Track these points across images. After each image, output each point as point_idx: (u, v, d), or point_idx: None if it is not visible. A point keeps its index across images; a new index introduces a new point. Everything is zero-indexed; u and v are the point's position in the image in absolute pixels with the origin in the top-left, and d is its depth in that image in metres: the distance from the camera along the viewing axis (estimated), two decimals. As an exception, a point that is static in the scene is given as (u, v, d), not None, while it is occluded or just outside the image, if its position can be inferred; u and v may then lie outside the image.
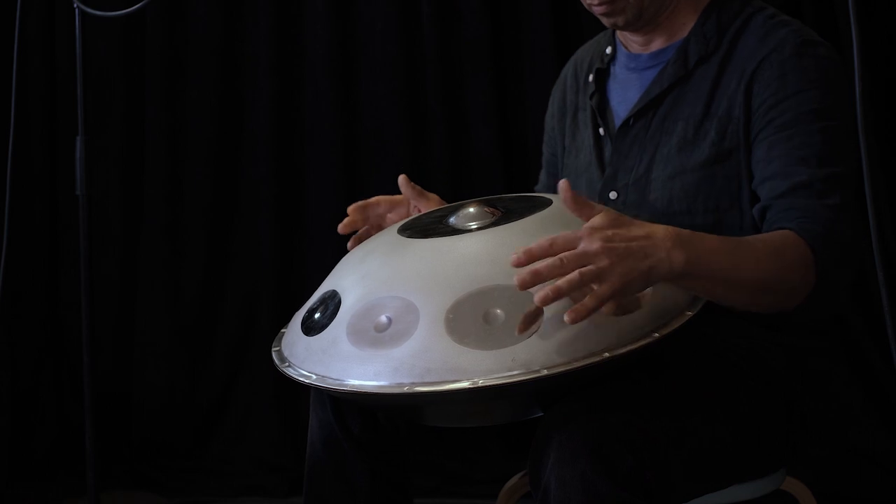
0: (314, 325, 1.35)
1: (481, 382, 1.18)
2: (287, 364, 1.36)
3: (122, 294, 2.98)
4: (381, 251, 1.40)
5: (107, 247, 2.94)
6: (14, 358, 2.86)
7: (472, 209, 1.41)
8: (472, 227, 1.37)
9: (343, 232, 1.66)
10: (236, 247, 2.98)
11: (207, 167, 2.97)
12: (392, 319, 1.25)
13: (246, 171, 2.96)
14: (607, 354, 1.20)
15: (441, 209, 1.52)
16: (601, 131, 1.63)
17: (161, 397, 2.94)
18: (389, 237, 1.43)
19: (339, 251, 1.55)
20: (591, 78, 1.67)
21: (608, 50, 1.67)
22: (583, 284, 1.17)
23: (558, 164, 1.77)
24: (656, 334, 1.24)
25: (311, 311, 1.39)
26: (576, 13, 2.71)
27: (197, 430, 2.94)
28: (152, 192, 2.98)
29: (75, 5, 1.99)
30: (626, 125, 1.58)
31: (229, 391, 2.96)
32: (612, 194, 1.57)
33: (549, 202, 1.41)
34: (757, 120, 1.46)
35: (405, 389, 1.20)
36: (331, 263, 1.50)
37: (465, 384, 1.18)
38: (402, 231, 1.43)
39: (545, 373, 1.18)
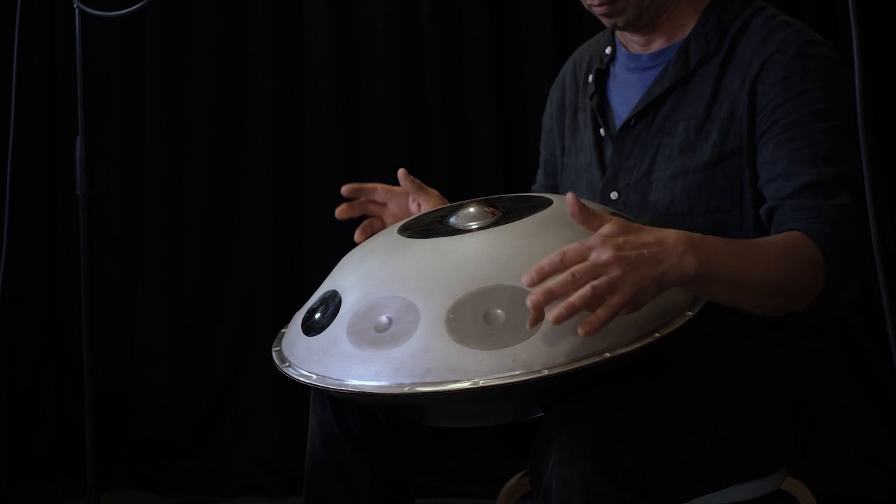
0: (314, 325, 1.35)
1: (482, 382, 1.18)
2: (287, 364, 1.36)
3: (122, 294, 2.97)
4: (382, 251, 1.40)
5: (107, 247, 2.94)
6: (14, 358, 2.85)
7: (472, 209, 1.41)
8: (473, 227, 1.37)
9: (340, 216, 1.66)
10: (236, 247, 2.98)
11: (207, 167, 2.96)
12: (393, 319, 1.25)
13: (246, 171, 2.96)
14: (608, 354, 1.20)
15: (441, 209, 1.52)
16: (602, 132, 1.63)
17: (161, 397, 2.94)
18: (390, 237, 1.43)
19: (339, 251, 1.54)
20: (590, 78, 1.67)
21: (608, 50, 1.67)
22: (595, 299, 1.17)
23: (557, 165, 1.77)
24: (657, 334, 1.24)
25: (312, 311, 1.39)
26: (576, 13, 2.71)
27: (197, 430, 2.94)
28: (152, 192, 2.97)
29: (75, 5, 1.98)
30: (628, 126, 1.58)
31: (229, 391, 2.96)
32: (613, 195, 1.57)
33: (550, 202, 1.41)
34: (761, 121, 1.46)
35: (406, 390, 1.20)
36: (331, 263, 1.50)
37: (465, 384, 1.18)
38: (402, 231, 1.43)
39: (546, 373, 1.18)
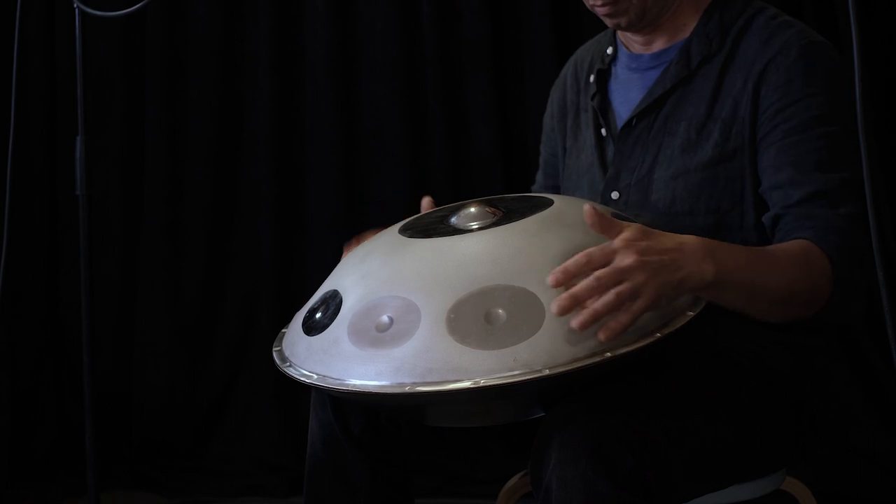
0: (315, 325, 1.35)
1: (483, 382, 1.18)
2: (288, 364, 1.36)
3: (122, 294, 2.97)
4: (382, 251, 1.40)
5: (107, 247, 2.94)
6: (14, 358, 2.85)
7: (473, 209, 1.41)
8: (474, 227, 1.37)
9: None
10: (236, 247, 2.98)
11: (207, 167, 2.96)
12: (393, 319, 1.25)
13: (246, 171, 2.96)
14: (609, 354, 1.20)
15: (442, 209, 1.52)
16: (603, 132, 1.63)
17: (161, 397, 2.94)
18: (390, 237, 1.43)
19: (339, 251, 1.55)
20: (592, 78, 1.67)
21: (609, 50, 1.67)
22: (619, 305, 1.18)
23: (558, 165, 1.77)
24: (658, 334, 1.24)
25: (313, 311, 1.39)
26: (576, 13, 2.71)
27: (197, 430, 2.94)
28: (152, 192, 2.97)
29: (75, 5, 1.98)
30: (629, 125, 1.58)
31: (229, 391, 2.96)
32: (615, 194, 1.57)
33: (551, 202, 1.41)
34: (763, 123, 1.46)
35: (406, 389, 1.20)
36: (331, 263, 1.50)
37: (466, 384, 1.18)
38: (403, 231, 1.43)
39: (547, 373, 1.18)
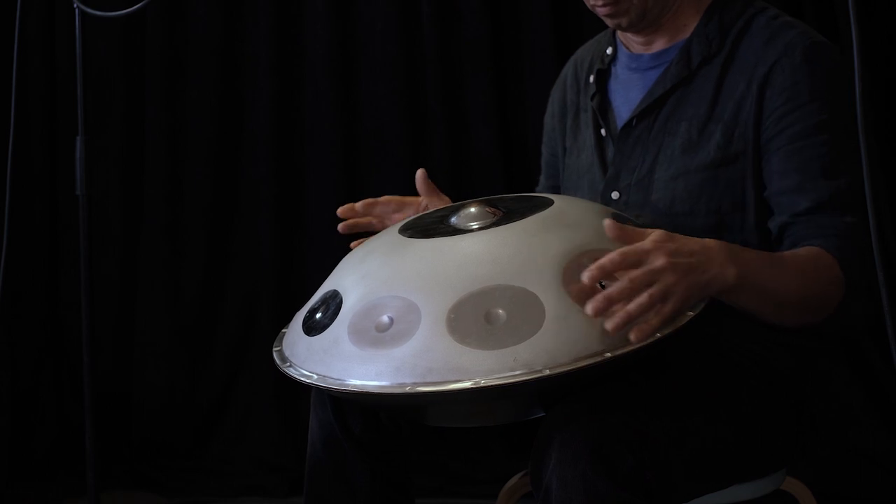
0: (315, 325, 1.35)
1: (483, 382, 1.18)
2: (288, 364, 1.36)
3: (122, 294, 2.97)
4: (383, 251, 1.40)
5: (107, 247, 2.94)
6: (14, 358, 2.85)
7: (473, 209, 1.41)
8: (474, 226, 1.37)
9: (343, 230, 1.66)
10: (236, 247, 2.98)
11: (207, 167, 2.96)
12: (394, 319, 1.25)
13: (246, 171, 2.96)
14: (609, 354, 1.20)
15: (442, 209, 1.52)
16: (603, 132, 1.63)
17: (161, 397, 2.94)
18: (390, 237, 1.43)
19: (339, 251, 1.55)
20: (591, 78, 1.67)
21: (609, 50, 1.67)
22: (651, 307, 1.20)
23: (559, 165, 1.77)
24: (658, 334, 1.23)
25: (313, 311, 1.39)
26: (576, 13, 2.71)
27: (197, 430, 2.94)
28: (152, 192, 2.97)
29: (75, 5, 1.98)
30: (629, 126, 1.58)
31: (229, 391, 2.96)
32: (615, 194, 1.57)
33: (551, 202, 1.41)
34: (769, 127, 1.46)
35: (407, 389, 1.20)
36: (331, 263, 1.49)
37: (466, 384, 1.18)
38: (403, 231, 1.43)
39: (547, 373, 1.18)
